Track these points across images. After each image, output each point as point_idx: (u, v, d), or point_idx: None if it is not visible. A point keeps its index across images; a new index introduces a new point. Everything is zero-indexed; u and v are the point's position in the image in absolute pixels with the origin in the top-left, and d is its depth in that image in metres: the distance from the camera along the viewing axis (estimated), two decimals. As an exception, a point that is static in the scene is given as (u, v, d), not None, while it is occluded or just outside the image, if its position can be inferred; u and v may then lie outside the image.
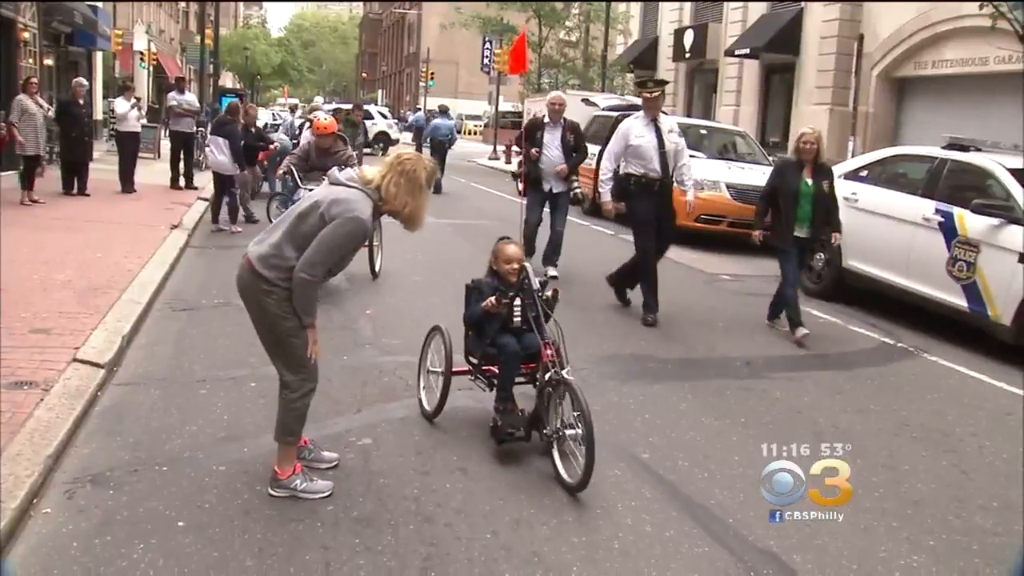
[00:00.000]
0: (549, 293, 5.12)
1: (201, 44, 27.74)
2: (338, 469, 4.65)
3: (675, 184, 8.77)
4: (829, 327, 8.82)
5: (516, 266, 5.13)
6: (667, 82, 8.96)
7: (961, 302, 8.31)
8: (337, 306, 8.22)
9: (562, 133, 10.57)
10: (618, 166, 8.80)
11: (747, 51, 24.31)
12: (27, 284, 7.83)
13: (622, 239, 14.30)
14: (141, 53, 35.83)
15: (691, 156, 14.85)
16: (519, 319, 5.12)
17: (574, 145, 10.68)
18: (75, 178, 14.73)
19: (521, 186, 11.29)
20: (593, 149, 17.56)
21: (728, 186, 13.88)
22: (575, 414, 4.51)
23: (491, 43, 40.70)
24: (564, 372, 4.65)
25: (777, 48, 23.51)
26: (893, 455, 5.48)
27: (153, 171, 18.49)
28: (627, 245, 13.63)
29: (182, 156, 16.89)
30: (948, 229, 8.52)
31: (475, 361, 5.35)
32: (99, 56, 28.81)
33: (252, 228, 12.13)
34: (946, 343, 8.43)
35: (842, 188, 9.52)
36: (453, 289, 9.41)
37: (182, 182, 16.84)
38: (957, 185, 8.86)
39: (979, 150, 9.13)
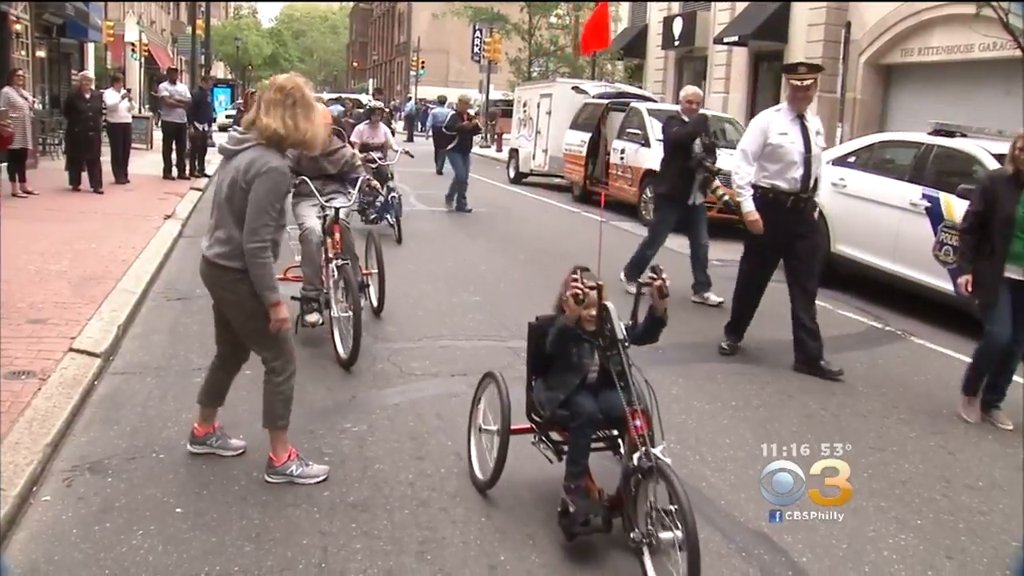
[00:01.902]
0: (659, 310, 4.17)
1: (192, 35, 27.60)
2: (334, 455, 4.71)
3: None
4: (818, 312, 8.88)
5: (592, 313, 4.01)
6: (822, 68, 7.14)
7: (948, 286, 8.38)
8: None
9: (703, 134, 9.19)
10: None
11: (736, 39, 24.30)
12: (23, 275, 7.86)
13: (613, 225, 14.40)
14: (132, 44, 35.73)
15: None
16: (594, 373, 4.11)
17: (709, 145, 9.23)
18: (82, 174, 14.56)
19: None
20: (584, 136, 17.77)
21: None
22: (672, 508, 3.46)
23: (481, 32, 40.64)
24: (658, 451, 3.63)
25: (765, 36, 23.53)
26: (881, 436, 5.56)
27: (145, 162, 18.48)
28: (621, 232, 13.76)
29: (174, 147, 16.91)
30: (935, 214, 8.60)
31: (540, 420, 4.25)
32: (91, 48, 28.73)
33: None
34: (933, 326, 8.53)
35: (830, 174, 9.61)
36: (444, 275, 9.51)
37: (175, 172, 16.85)
38: (943, 170, 8.94)
39: (964, 136, 9.21)
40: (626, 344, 3.94)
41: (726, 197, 9.32)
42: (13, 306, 6.83)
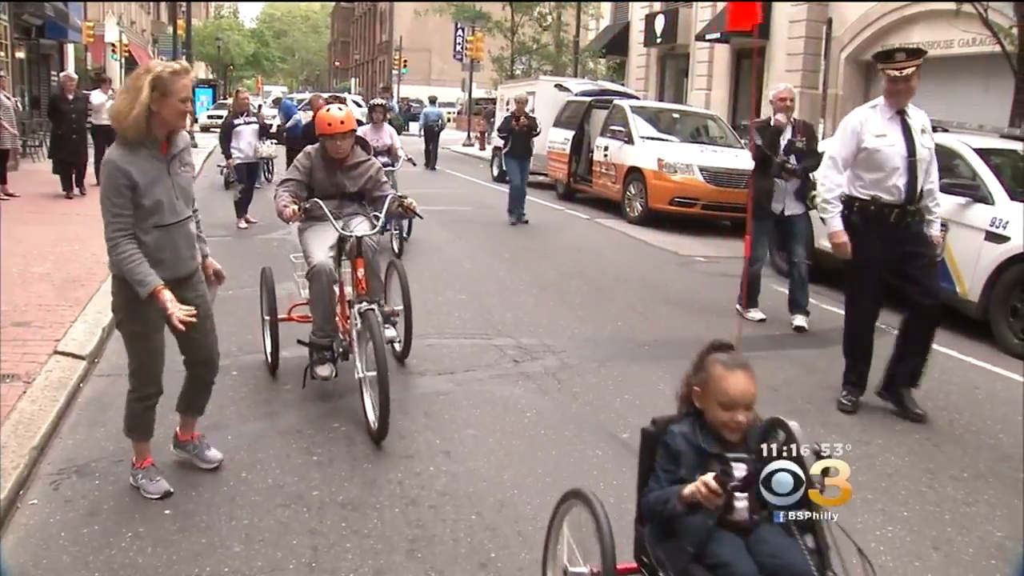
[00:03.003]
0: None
1: (174, 35, 27.50)
2: (322, 455, 4.71)
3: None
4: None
5: (743, 418, 2.79)
6: (924, 52, 5.82)
7: (931, 280, 8.44)
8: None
9: (792, 135, 8.18)
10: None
11: (717, 35, 24.40)
12: (6, 278, 7.81)
13: (598, 223, 14.45)
14: (113, 45, 35.54)
15: (663, 141, 15.24)
16: (745, 510, 2.72)
17: (805, 149, 8.16)
18: (72, 179, 14.11)
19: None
20: (567, 134, 17.79)
21: (701, 169, 14.01)
22: None
23: (463, 30, 40.61)
24: None
25: (747, 32, 23.66)
26: (867, 430, 5.60)
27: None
28: (607, 229, 13.81)
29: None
30: (917, 209, 8.63)
31: (650, 562, 2.91)
32: (70, 48, 28.55)
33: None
34: (917, 321, 8.57)
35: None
36: (429, 273, 9.49)
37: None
38: (926, 165, 8.98)
39: (946, 131, 9.28)
40: (800, 457, 2.69)
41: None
42: (-4, 309, 6.79)
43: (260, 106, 21.26)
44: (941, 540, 4.19)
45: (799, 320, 8.15)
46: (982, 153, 8.54)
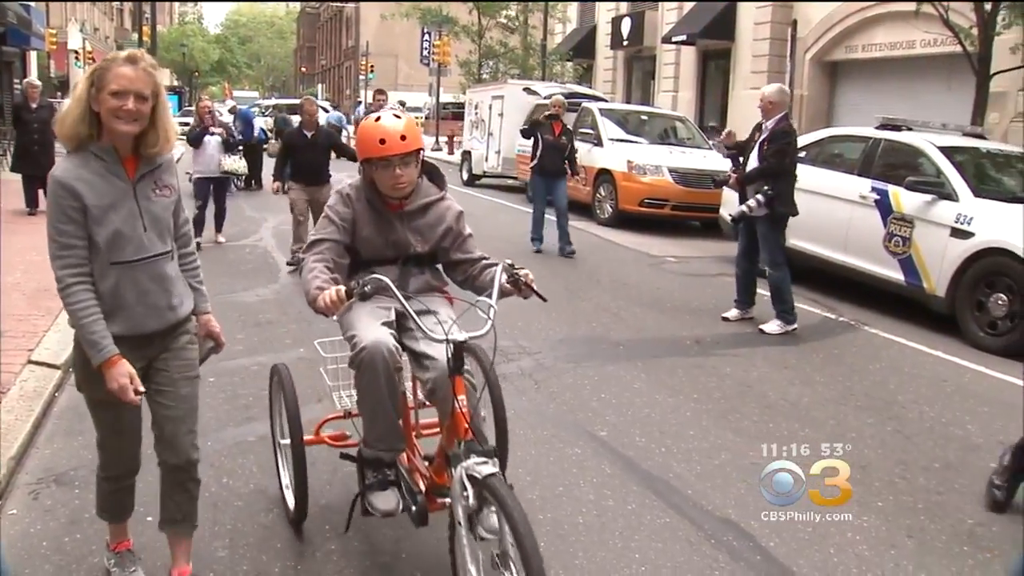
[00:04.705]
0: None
1: (139, 41, 27.26)
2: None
3: None
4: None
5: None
6: None
7: (898, 276, 8.61)
8: (290, 300, 8.25)
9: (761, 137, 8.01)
10: None
11: (684, 37, 24.62)
12: (-27, 289, 7.73)
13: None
14: (76, 52, 35.14)
15: (632, 143, 15.34)
16: None
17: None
18: (38, 194, 12.82)
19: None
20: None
21: (670, 171, 14.12)
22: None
23: (430, 35, 40.60)
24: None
25: (713, 34, 23.87)
26: (840, 424, 5.70)
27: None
28: (575, 231, 13.88)
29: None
30: (884, 206, 8.81)
31: None
32: (33, 56, 28.23)
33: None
34: (885, 316, 8.74)
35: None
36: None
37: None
38: (891, 164, 9.18)
39: (911, 129, 9.46)
40: None
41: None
42: (-33, 320, 6.73)
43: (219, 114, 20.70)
44: (915, 528, 4.28)
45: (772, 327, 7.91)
46: (946, 151, 8.71)
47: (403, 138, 3.41)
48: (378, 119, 3.50)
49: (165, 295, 3.15)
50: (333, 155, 9.95)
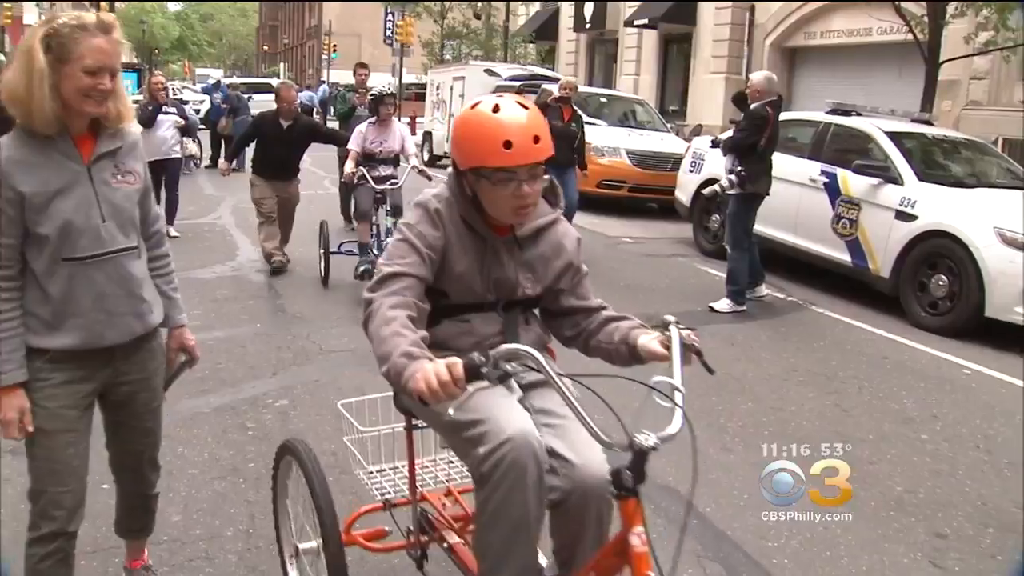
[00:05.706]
0: None
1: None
2: (257, 430, 4.81)
3: None
4: (723, 284, 9.25)
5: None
6: None
7: (845, 257, 8.84)
8: (246, 277, 8.30)
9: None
10: None
11: (645, 21, 24.77)
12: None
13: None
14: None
15: (591, 124, 15.46)
16: None
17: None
18: None
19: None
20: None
21: (628, 152, 14.28)
22: None
23: (393, 15, 40.41)
24: None
25: (674, 19, 24.04)
26: (782, 398, 5.89)
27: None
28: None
29: None
30: (832, 189, 9.03)
31: None
32: (-16, 31, 27.71)
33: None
34: (833, 296, 8.98)
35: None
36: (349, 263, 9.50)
37: None
38: (840, 148, 9.39)
39: (860, 115, 9.69)
40: None
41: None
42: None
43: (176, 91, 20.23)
44: (847, 496, 4.47)
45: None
46: (893, 136, 8.94)
47: (536, 140, 2.32)
48: (497, 108, 2.34)
49: (128, 300, 2.62)
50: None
